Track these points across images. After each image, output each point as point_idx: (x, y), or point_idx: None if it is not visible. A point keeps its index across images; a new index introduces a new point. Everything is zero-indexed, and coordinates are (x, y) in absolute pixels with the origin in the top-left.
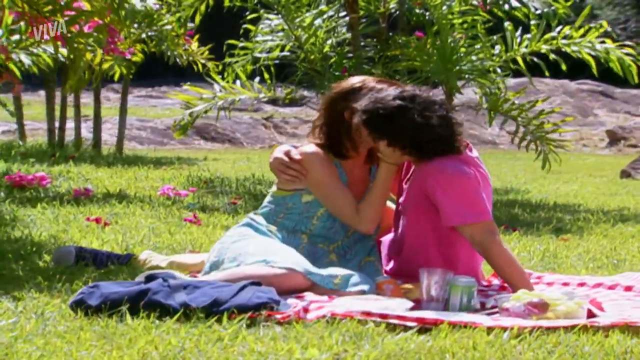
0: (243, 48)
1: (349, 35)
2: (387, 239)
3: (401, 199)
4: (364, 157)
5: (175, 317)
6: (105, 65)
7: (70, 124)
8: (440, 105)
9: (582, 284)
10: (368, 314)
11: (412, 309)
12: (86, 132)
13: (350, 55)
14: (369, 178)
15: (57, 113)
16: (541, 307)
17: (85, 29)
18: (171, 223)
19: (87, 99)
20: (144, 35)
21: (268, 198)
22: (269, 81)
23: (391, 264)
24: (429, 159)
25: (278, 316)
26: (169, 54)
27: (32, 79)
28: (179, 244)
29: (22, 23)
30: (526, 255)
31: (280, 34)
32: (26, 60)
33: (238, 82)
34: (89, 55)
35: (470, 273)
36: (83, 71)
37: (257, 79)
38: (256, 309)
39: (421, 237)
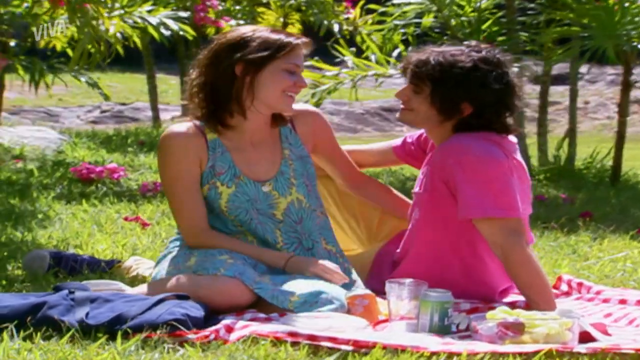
0: (382, 14)
1: None
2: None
3: (415, 188)
4: (268, 120)
5: (67, 336)
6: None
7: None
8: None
9: (623, 301)
10: (295, 334)
11: (379, 329)
12: None
13: (504, 19)
14: (278, 143)
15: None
16: (515, 329)
17: None
18: None
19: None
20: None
21: None
22: (405, 54)
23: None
24: (460, 131)
25: (192, 336)
26: (325, 23)
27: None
28: None
29: None
30: None
31: None
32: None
33: (373, 56)
34: (107, 23)
35: (499, 284)
36: (97, 42)
37: (397, 51)
38: (166, 327)
39: (435, 236)
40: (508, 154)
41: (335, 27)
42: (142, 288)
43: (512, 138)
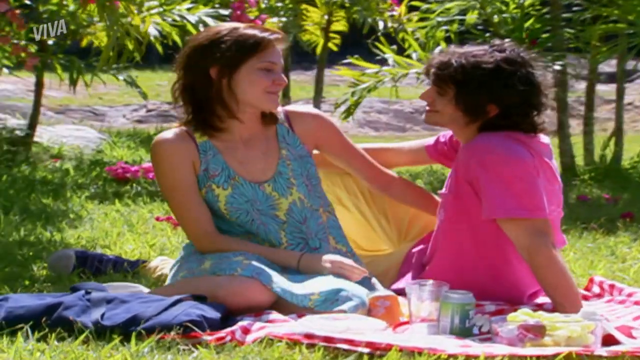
0: (426, 11)
1: None
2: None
3: (443, 189)
4: (258, 118)
5: (81, 337)
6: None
7: None
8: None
9: None
10: (311, 336)
11: (399, 331)
12: None
13: (548, 16)
14: (274, 143)
15: None
16: (536, 331)
17: None
18: None
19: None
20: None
21: None
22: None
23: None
24: (487, 131)
25: (207, 337)
26: (370, 20)
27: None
28: None
29: None
30: None
31: None
32: (153, 31)
33: (415, 54)
34: (137, 20)
35: (528, 286)
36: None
37: (439, 48)
38: (181, 328)
39: (460, 237)
40: (534, 153)
41: (380, 25)
42: (161, 289)
43: (545, 140)
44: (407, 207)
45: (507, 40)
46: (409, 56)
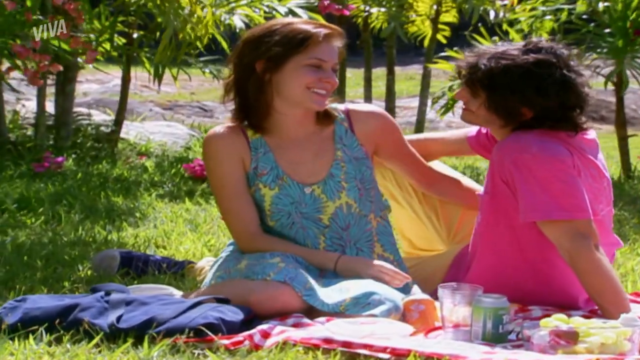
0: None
1: None
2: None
3: (481, 189)
4: (310, 117)
5: (95, 340)
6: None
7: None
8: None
9: None
10: (330, 341)
11: (431, 336)
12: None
13: None
14: (330, 144)
15: None
16: (568, 337)
17: None
18: None
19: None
20: None
21: None
22: (548, 41)
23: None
24: (523, 130)
25: (225, 341)
26: (481, 9)
27: None
28: None
29: None
30: None
31: None
32: (238, 22)
33: None
34: (199, 12)
35: (579, 293)
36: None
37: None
38: (192, 332)
39: (498, 240)
40: (574, 150)
41: (491, 15)
42: (198, 292)
43: (590, 135)
44: (458, 207)
45: (543, 38)
46: None
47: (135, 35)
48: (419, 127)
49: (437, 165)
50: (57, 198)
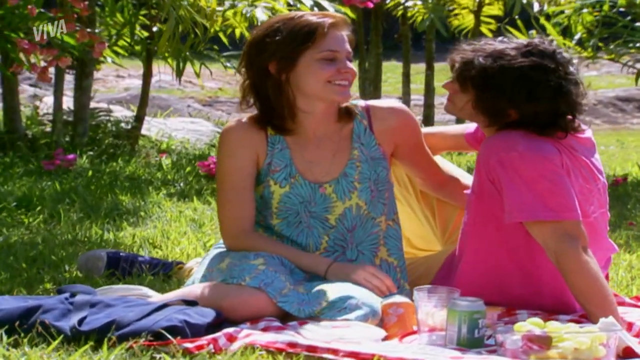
0: None
1: None
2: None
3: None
4: (332, 112)
5: (55, 343)
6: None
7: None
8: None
9: None
10: (294, 345)
11: (406, 341)
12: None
13: None
14: (347, 142)
15: None
16: (541, 342)
17: None
18: None
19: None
20: None
21: None
22: (585, 36)
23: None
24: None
25: (189, 345)
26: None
27: None
28: None
29: None
30: None
31: None
32: (262, 15)
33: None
34: (205, 3)
35: (561, 297)
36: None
37: (577, 36)
38: (149, 335)
39: (483, 242)
40: (563, 149)
41: (535, 7)
42: (173, 294)
43: (585, 134)
44: (455, 208)
45: (545, 39)
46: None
47: (155, 29)
48: (459, 124)
49: (442, 162)
50: (60, 196)
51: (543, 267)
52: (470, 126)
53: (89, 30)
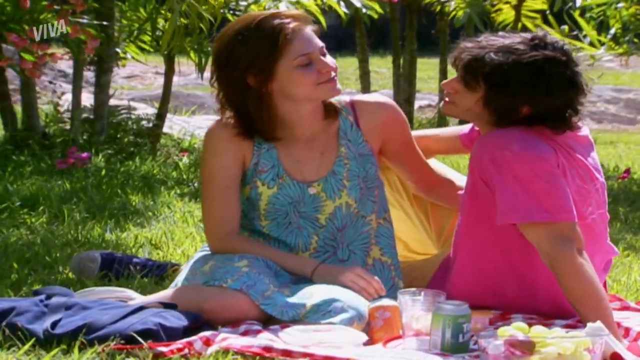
0: None
1: None
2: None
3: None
4: (319, 110)
5: (26, 346)
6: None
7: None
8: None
9: None
10: (269, 349)
11: (390, 345)
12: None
13: None
14: (334, 140)
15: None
16: (524, 348)
17: None
18: None
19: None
20: None
21: None
22: (618, 31)
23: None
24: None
25: (163, 348)
26: None
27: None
28: None
29: None
30: None
31: None
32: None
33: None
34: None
35: (557, 301)
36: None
37: (612, 31)
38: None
39: (476, 244)
40: (558, 148)
41: (577, 1)
42: (153, 297)
43: (582, 132)
44: (450, 211)
45: (548, 32)
46: (577, 37)
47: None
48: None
49: (435, 164)
50: (68, 196)
51: (538, 269)
52: (465, 127)
53: (105, 23)
